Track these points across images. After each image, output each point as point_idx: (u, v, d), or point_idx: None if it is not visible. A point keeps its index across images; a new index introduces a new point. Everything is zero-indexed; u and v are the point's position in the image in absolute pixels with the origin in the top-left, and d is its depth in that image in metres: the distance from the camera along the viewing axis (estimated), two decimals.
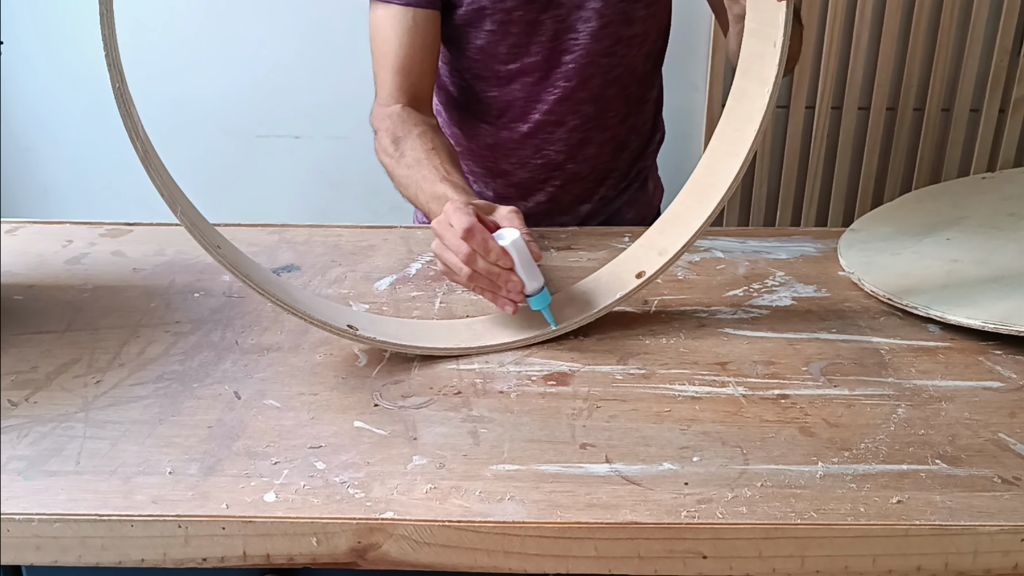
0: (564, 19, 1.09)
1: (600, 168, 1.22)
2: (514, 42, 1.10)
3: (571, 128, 1.16)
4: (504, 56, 1.11)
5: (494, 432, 0.75)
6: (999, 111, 2.00)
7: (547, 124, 1.16)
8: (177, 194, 0.77)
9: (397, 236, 1.11)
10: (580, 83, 1.13)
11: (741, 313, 0.93)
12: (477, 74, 1.14)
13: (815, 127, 2.00)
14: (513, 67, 1.12)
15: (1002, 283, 0.91)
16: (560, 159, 1.19)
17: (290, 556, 0.66)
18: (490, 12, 1.08)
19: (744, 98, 0.85)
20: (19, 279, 1.00)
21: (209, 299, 0.96)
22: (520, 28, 1.09)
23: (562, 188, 1.21)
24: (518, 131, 1.17)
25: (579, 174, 1.21)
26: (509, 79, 1.13)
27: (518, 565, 0.66)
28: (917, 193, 1.19)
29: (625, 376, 0.82)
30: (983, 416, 0.76)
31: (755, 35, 0.84)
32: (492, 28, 1.10)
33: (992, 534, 0.64)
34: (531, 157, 1.19)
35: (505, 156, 1.19)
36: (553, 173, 1.20)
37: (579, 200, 1.24)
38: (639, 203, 1.30)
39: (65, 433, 0.74)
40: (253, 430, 0.75)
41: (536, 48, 1.10)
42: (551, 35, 1.09)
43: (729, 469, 0.70)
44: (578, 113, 1.16)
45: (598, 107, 1.16)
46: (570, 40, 1.10)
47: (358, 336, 0.82)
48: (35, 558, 0.67)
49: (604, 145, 1.20)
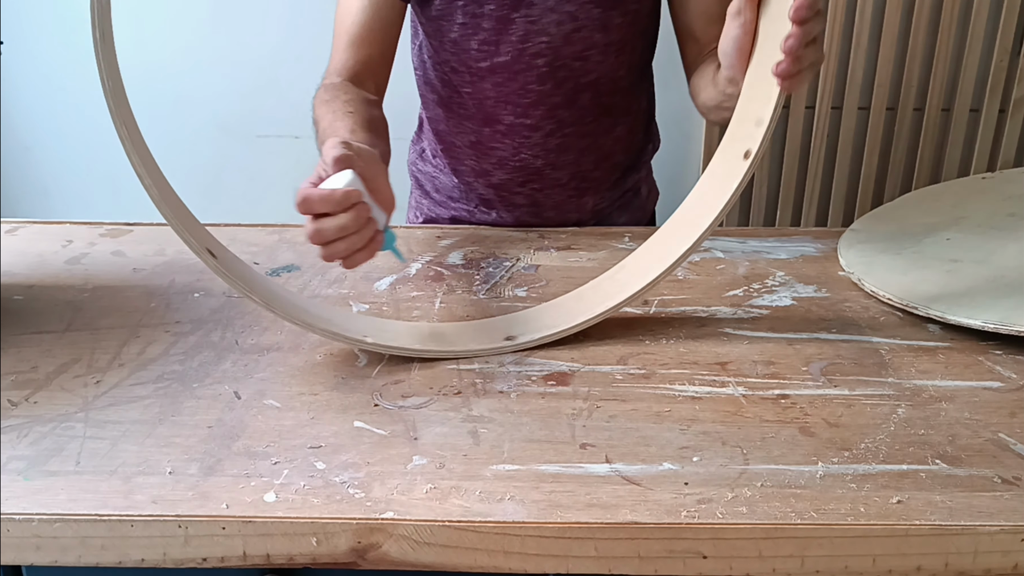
0: (535, 20, 1.08)
1: (581, 176, 1.20)
2: (484, 38, 1.09)
3: (547, 132, 1.15)
4: (475, 52, 1.11)
5: (494, 432, 0.75)
6: (999, 111, 2.00)
7: (523, 127, 1.15)
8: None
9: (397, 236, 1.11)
10: (553, 86, 1.12)
11: (741, 313, 0.93)
12: (454, 68, 1.14)
13: (815, 127, 2.00)
14: (484, 64, 1.11)
15: (1002, 283, 0.91)
16: (538, 164, 1.18)
17: (290, 556, 0.66)
18: (462, 4, 1.08)
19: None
20: (19, 279, 1.00)
21: (209, 299, 0.96)
22: (490, 24, 1.08)
23: (542, 193, 1.20)
24: (496, 130, 1.16)
25: (559, 180, 1.19)
26: (481, 76, 1.12)
27: (518, 565, 0.66)
28: (917, 193, 1.19)
29: (625, 376, 0.82)
30: (983, 416, 0.76)
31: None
32: (464, 21, 1.09)
33: (992, 534, 0.64)
34: (509, 159, 1.18)
35: (485, 155, 1.19)
36: (532, 177, 1.19)
37: (563, 208, 1.22)
38: (632, 208, 1.29)
39: (65, 433, 0.74)
40: (253, 430, 0.75)
41: (506, 47, 1.09)
42: (521, 35, 1.08)
43: (729, 469, 0.70)
44: (553, 118, 1.14)
45: (573, 113, 1.15)
46: (541, 42, 1.09)
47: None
48: (35, 558, 0.67)
49: (584, 153, 1.18)
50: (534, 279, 1.01)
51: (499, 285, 0.99)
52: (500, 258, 1.06)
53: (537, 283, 1.00)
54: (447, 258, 1.06)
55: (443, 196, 1.26)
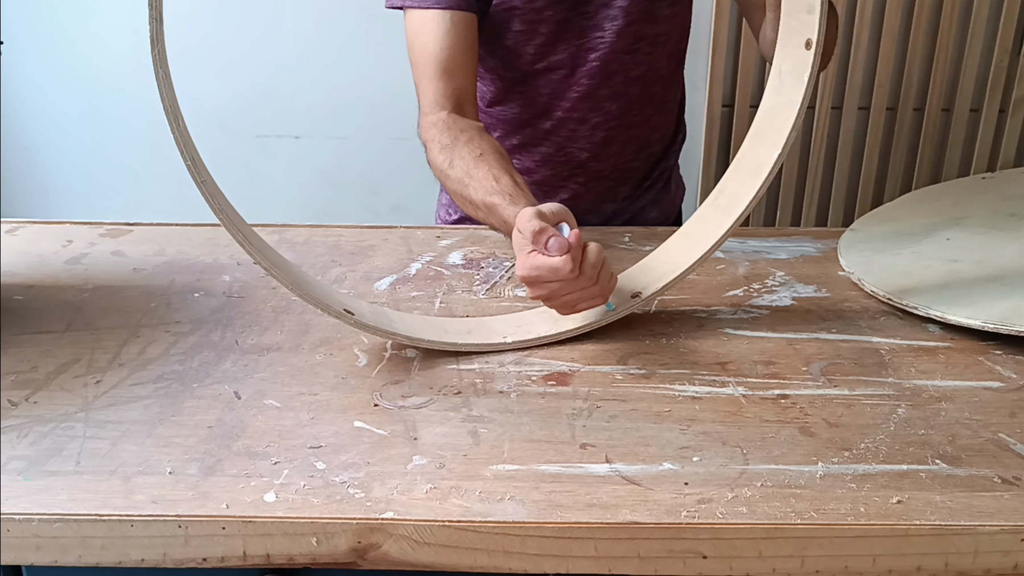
0: (591, 16, 1.10)
1: (622, 167, 1.22)
2: (542, 41, 1.11)
3: (594, 126, 1.17)
4: (531, 55, 1.12)
5: (494, 432, 0.75)
6: (999, 111, 2.00)
7: (570, 121, 1.16)
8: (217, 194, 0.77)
9: (397, 236, 1.11)
10: (603, 80, 1.14)
11: (741, 313, 0.93)
12: (501, 74, 1.15)
13: (815, 127, 2.00)
14: (540, 66, 1.13)
15: (1002, 283, 0.91)
16: (583, 157, 1.19)
17: (290, 556, 0.66)
18: (520, 12, 1.09)
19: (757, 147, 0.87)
20: (19, 279, 1.00)
21: (209, 299, 0.96)
22: (549, 27, 1.10)
23: (585, 186, 1.22)
24: (541, 128, 1.17)
25: (602, 172, 1.21)
26: (534, 77, 1.14)
27: (518, 565, 0.66)
28: (917, 193, 1.19)
29: (625, 376, 0.82)
30: (983, 416, 0.76)
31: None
32: (521, 28, 1.10)
33: (992, 534, 0.64)
34: (554, 155, 1.19)
35: (528, 154, 1.20)
36: (576, 171, 1.20)
37: (602, 199, 1.24)
38: (662, 202, 1.30)
39: (65, 433, 0.74)
40: (253, 430, 0.75)
41: (564, 46, 1.11)
42: (578, 32, 1.10)
43: (729, 469, 0.70)
44: (601, 111, 1.16)
45: (621, 105, 1.17)
46: (596, 37, 1.11)
47: (356, 322, 0.82)
48: (35, 558, 0.67)
49: (627, 144, 1.20)
50: None
51: (499, 285, 0.99)
52: (500, 258, 1.06)
53: None
54: (447, 258, 1.06)
55: None
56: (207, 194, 0.74)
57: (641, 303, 0.90)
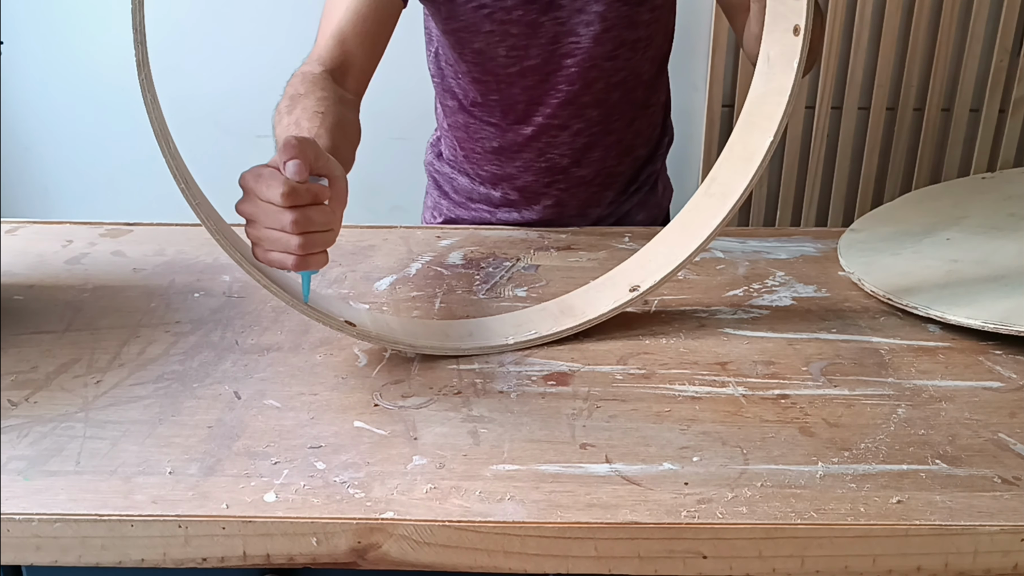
0: (564, 22, 1.08)
1: (606, 172, 1.21)
2: (513, 44, 1.09)
3: (575, 132, 1.16)
4: (503, 59, 1.11)
5: (494, 432, 0.75)
6: (999, 111, 2.00)
7: (551, 128, 1.15)
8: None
9: (397, 236, 1.11)
10: (583, 87, 1.12)
11: (741, 313, 0.93)
12: (476, 77, 1.14)
13: (815, 127, 2.00)
14: (513, 70, 1.11)
15: (1002, 283, 0.91)
16: (565, 163, 1.18)
17: (290, 556, 0.66)
18: (490, 10, 1.08)
19: (750, 135, 0.86)
20: (19, 279, 1.00)
21: (209, 299, 0.96)
22: (519, 29, 1.08)
23: (568, 192, 1.21)
24: (521, 134, 1.16)
25: (585, 178, 1.20)
26: (509, 82, 1.13)
27: (518, 565, 0.66)
28: (917, 193, 1.19)
29: (625, 376, 0.82)
30: (983, 416, 0.76)
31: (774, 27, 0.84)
32: (491, 29, 1.09)
33: (992, 534, 0.64)
34: (535, 160, 1.18)
35: (510, 159, 1.19)
36: (558, 177, 1.19)
37: (587, 204, 1.23)
38: (649, 205, 1.29)
39: (65, 433, 0.74)
40: (253, 430, 0.75)
41: (535, 51, 1.10)
42: (551, 37, 1.09)
43: (729, 469, 0.70)
44: (582, 117, 1.15)
45: (602, 111, 1.15)
46: (571, 43, 1.09)
47: (359, 333, 0.82)
48: (35, 558, 0.67)
49: (610, 149, 1.19)
50: (534, 279, 1.01)
51: (499, 285, 0.99)
52: (500, 258, 1.06)
53: (537, 283, 1.00)
54: (447, 258, 1.06)
55: (462, 197, 1.26)
56: (203, 216, 0.74)
57: (640, 299, 0.89)
